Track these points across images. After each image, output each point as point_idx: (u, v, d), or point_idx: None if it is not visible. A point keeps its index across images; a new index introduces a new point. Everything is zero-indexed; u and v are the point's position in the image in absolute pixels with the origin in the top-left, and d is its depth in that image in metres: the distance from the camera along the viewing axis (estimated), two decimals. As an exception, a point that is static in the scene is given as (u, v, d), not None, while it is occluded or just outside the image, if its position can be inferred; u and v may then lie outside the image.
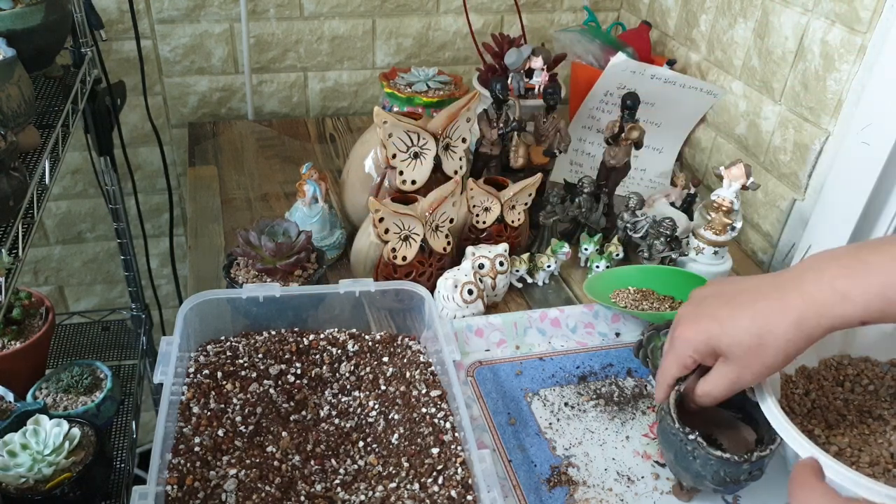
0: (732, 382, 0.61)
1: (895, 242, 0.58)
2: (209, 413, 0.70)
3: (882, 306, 0.55)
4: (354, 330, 0.83)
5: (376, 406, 0.75)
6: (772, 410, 0.63)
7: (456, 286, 0.87)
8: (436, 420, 0.72)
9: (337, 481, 0.67)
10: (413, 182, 0.93)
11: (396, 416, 0.73)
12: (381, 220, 0.85)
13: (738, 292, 0.63)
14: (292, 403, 0.74)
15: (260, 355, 0.77)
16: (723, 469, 0.63)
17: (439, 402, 0.74)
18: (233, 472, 0.64)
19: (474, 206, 0.95)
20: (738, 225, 0.94)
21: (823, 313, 0.56)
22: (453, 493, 0.64)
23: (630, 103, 0.98)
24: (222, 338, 0.79)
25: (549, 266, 0.97)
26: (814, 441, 0.60)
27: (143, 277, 1.49)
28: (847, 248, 0.59)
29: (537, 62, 1.14)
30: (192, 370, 0.74)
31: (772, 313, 0.58)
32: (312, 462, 0.68)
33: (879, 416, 0.70)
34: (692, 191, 1.08)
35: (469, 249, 0.93)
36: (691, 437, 0.63)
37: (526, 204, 0.99)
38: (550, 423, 0.77)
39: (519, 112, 1.09)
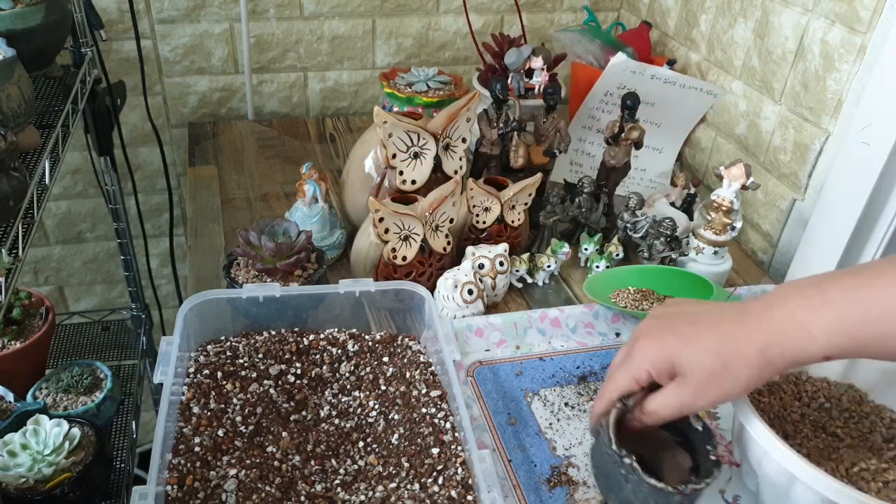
0: (684, 404, 0.59)
1: (857, 274, 0.57)
2: (209, 413, 0.70)
3: (843, 342, 0.54)
4: (354, 330, 0.83)
5: (376, 406, 0.75)
6: (761, 431, 0.61)
7: (456, 286, 0.87)
8: (436, 420, 0.72)
9: (337, 481, 0.67)
10: (413, 182, 0.93)
11: (396, 417, 0.73)
12: (381, 220, 0.85)
13: (702, 313, 0.61)
14: (292, 403, 0.74)
15: (260, 355, 0.77)
16: (654, 497, 0.60)
17: (439, 402, 0.74)
18: (233, 472, 0.64)
19: (474, 206, 0.95)
20: (738, 225, 0.94)
21: (787, 345, 0.55)
22: (453, 493, 0.64)
23: (630, 103, 0.98)
24: (222, 338, 0.79)
25: (549, 266, 0.97)
26: None
27: (143, 277, 1.49)
28: (812, 279, 0.58)
29: (537, 62, 1.14)
30: (192, 370, 0.74)
31: (738, 339, 0.57)
32: (312, 462, 0.68)
33: (833, 434, 0.71)
34: (692, 191, 1.08)
35: (469, 249, 0.93)
36: (626, 460, 0.60)
37: (526, 204, 0.99)
38: (550, 424, 0.77)
39: (519, 112, 1.09)
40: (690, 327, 0.60)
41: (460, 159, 0.97)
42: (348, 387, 0.77)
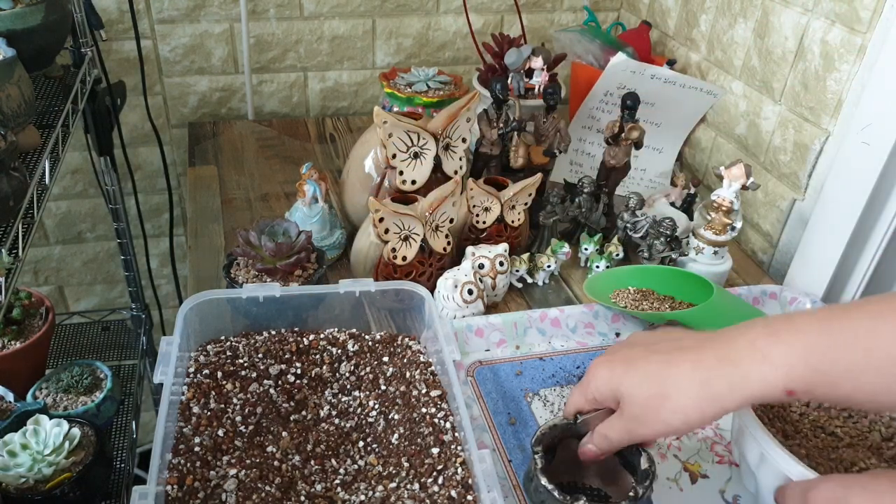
0: (629, 432, 0.57)
1: (832, 309, 0.52)
2: (209, 413, 0.70)
3: (806, 374, 0.48)
4: (354, 330, 0.83)
5: (376, 406, 0.75)
6: (759, 433, 0.60)
7: (456, 286, 0.87)
8: (436, 420, 0.72)
9: (337, 481, 0.67)
10: (413, 182, 0.93)
11: (396, 416, 0.73)
12: (381, 220, 0.85)
13: (663, 341, 0.58)
14: (292, 403, 0.74)
15: (260, 355, 0.77)
16: None
17: (439, 402, 0.74)
18: (233, 472, 0.64)
19: (474, 206, 0.95)
20: (738, 225, 0.94)
21: (739, 376, 0.50)
22: (453, 493, 0.64)
23: (630, 103, 0.98)
24: (222, 338, 0.79)
25: (549, 266, 0.97)
26: None
27: (143, 277, 1.49)
28: (785, 315, 0.54)
29: (537, 62, 1.14)
30: (192, 370, 0.74)
31: (682, 367, 0.53)
32: (312, 462, 0.68)
33: (832, 433, 0.71)
34: (692, 191, 1.08)
35: (469, 249, 0.93)
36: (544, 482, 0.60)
37: (526, 204, 0.99)
38: (550, 423, 0.77)
39: (519, 112, 1.09)
40: (640, 354, 0.57)
41: (460, 159, 0.97)
42: (348, 387, 0.77)
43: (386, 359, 0.80)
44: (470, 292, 0.88)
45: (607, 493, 0.68)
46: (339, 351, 0.80)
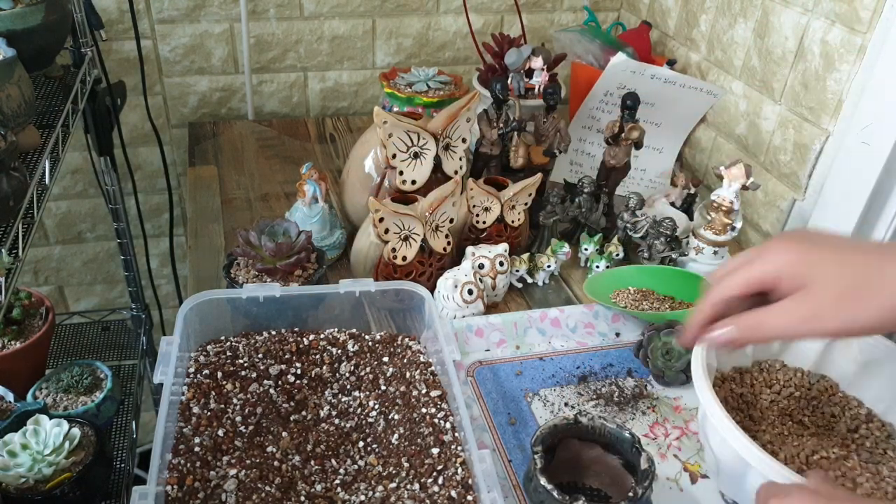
0: (804, 321, 0.51)
1: None
2: (209, 413, 0.70)
3: None
4: (354, 330, 0.83)
5: (376, 406, 0.75)
6: (719, 417, 0.61)
7: (456, 286, 0.87)
8: (436, 420, 0.72)
9: (337, 481, 0.67)
10: (413, 182, 0.93)
11: (396, 417, 0.73)
12: (381, 220, 0.85)
13: (844, 238, 0.55)
14: (292, 403, 0.74)
15: (260, 355, 0.77)
16: None
17: (439, 402, 0.74)
18: (233, 472, 0.64)
19: (474, 206, 0.95)
20: (738, 225, 0.94)
21: None
22: (453, 493, 0.64)
23: (630, 103, 0.98)
24: (222, 338, 0.79)
25: (549, 266, 0.97)
26: None
27: (143, 277, 1.49)
28: None
29: (537, 62, 1.14)
30: (192, 370, 0.74)
31: (888, 267, 0.50)
32: (312, 462, 0.68)
33: (800, 421, 0.72)
34: (692, 191, 1.08)
35: (469, 249, 0.93)
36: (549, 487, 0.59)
37: (526, 204, 0.99)
38: (550, 423, 0.77)
39: (519, 112, 1.09)
40: (835, 242, 0.53)
41: (460, 159, 0.97)
42: (348, 387, 0.77)
43: (386, 359, 0.80)
44: (470, 292, 0.88)
45: (607, 493, 0.68)
46: (339, 351, 0.80)
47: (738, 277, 0.54)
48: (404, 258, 0.88)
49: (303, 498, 0.64)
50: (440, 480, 0.66)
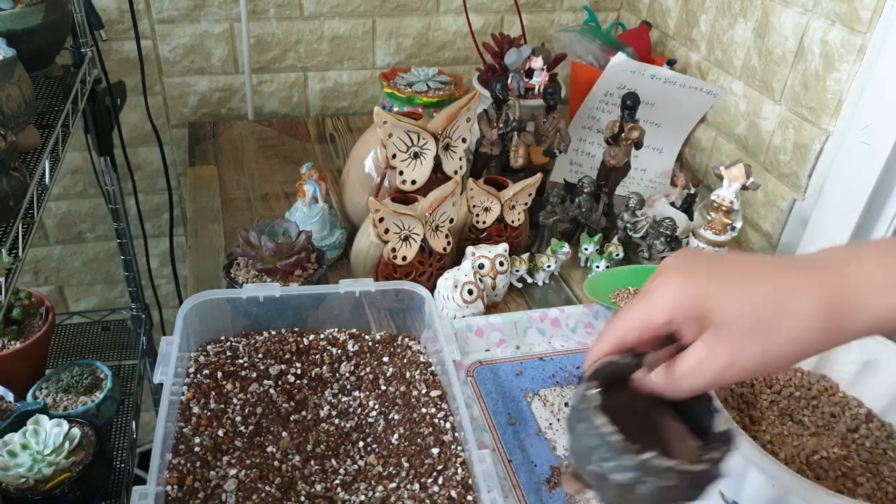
0: (724, 367, 0.45)
1: None
2: (209, 413, 0.70)
3: None
4: (354, 330, 0.83)
5: (376, 406, 0.75)
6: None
7: (456, 286, 0.87)
8: (436, 420, 0.72)
9: (337, 481, 0.67)
10: (413, 182, 0.93)
11: (396, 417, 0.73)
12: (381, 220, 0.85)
13: (743, 259, 0.50)
14: (292, 403, 0.74)
15: (260, 355, 0.77)
16: (651, 481, 0.44)
17: (439, 402, 0.74)
18: (233, 472, 0.64)
19: (474, 206, 0.95)
20: (738, 225, 0.94)
21: (864, 304, 0.43)
22: (453, 493, 0.64)
23: (630, 103, 0.98)
24: (222, 338, 0.79)
25: (549, 266, 0.97)
26: None
27: (143, 277, 1.49)
28: (884, 242, 0.47)
29: (537, 62, 1.14)
30: (192, 370, 0.74)
31: (797, 290, 0.44)
32: (312, 462, 0.68)
33: (799, 421, 0.72)
34: (692, 191, 1.08)
35: (469, 249, 0.93)
36: (613, 437, 0.44)
37: (526, 204, 0.99)
38: (550, 424, 0.77)
39: (519, 112, 1.09)
40: (732, 269, 0.47)
41: (460, 159, 0.97)
42: (348, 387, 0.77)
43: (386, 359, 0.80)
44: (470, 292, 0.88)
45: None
46: (339, 351, 0.80)
47: (630, 320, 0.48)
48: (404, 258, 0.88)
49: (303, 498, 0.64)
50: (440, 480, 0.66)
